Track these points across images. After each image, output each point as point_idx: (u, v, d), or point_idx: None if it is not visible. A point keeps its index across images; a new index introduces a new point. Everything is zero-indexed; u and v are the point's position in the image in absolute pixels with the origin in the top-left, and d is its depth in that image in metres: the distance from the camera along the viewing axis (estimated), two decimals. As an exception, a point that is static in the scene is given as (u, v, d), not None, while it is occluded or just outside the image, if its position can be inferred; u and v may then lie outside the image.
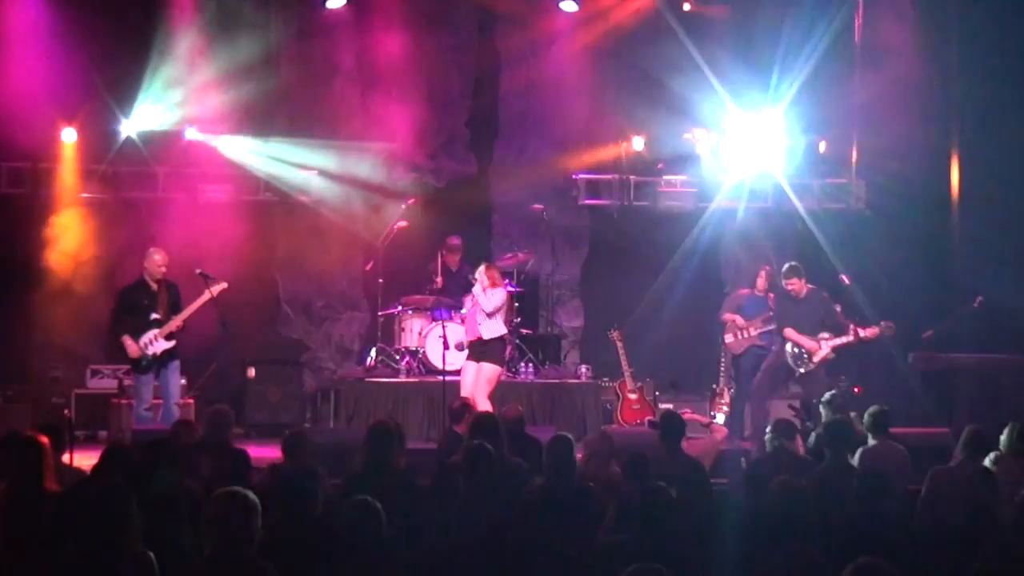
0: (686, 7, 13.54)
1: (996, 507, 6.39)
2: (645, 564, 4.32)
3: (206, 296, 10.66)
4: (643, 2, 13.47)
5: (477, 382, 10.67)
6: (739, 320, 11.83)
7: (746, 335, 11.77)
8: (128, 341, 10.44)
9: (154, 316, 10.49)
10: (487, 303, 10.74)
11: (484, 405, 10.06)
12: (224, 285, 10.82)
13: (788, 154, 13.67)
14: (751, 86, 13.40)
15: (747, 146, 13.58)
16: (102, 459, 6.53)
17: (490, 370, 10.74)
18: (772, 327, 11.57)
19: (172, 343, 10.53)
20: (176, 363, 10.67)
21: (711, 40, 13.46)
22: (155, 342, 10.46)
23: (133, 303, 10.60)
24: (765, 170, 13.62)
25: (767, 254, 13.75)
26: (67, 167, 12.77)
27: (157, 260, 10.60)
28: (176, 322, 10.51)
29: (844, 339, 10.98)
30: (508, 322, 11.73)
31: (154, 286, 10.59)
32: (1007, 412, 11.66)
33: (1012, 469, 7.21)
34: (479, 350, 10.84)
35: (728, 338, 11.98)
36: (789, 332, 10.97)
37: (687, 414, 7.98)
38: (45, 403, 12.11)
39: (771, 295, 11.83)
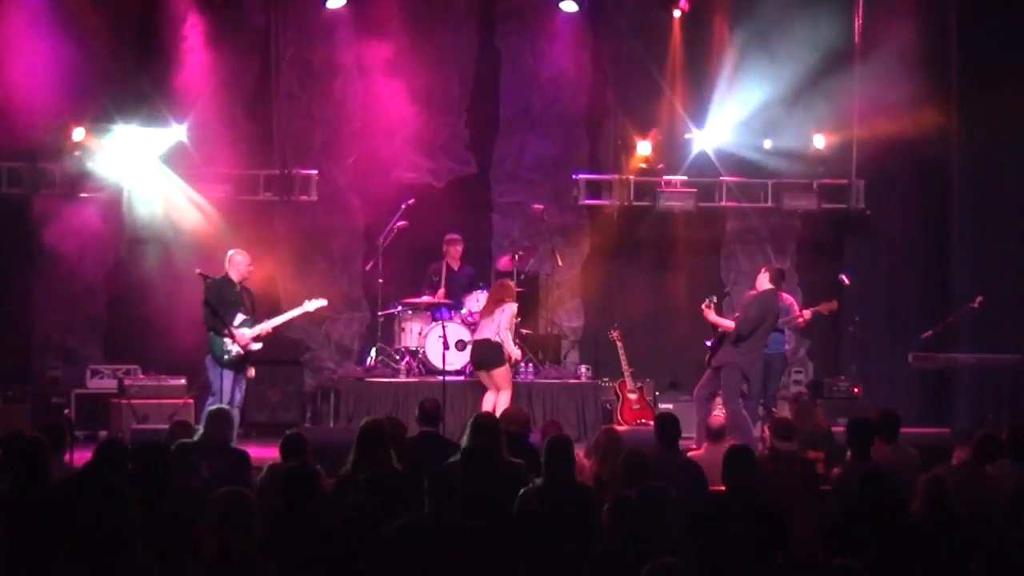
0: (676, 14, 13.51)
1: (994, 507, 6.40)
2: (663, 559, 4.30)
3: (302, 309, 10.61)
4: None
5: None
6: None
7: None
8: (235, 334, 10.12)
9: (243, 316, 10.27)
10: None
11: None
12: (324, 302, 10.77)
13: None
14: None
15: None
16: (95, 454, 6.45)
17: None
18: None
19: (260, 345, 10.32)
20: (252, 366, 10.47)
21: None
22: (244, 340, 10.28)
23: (224, 299, 10.27)
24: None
25: (767, 254, 13.77)
26: (69, 167, 12.78)
27: (241, 260, 10.39)
28: (268, 327, 10.30)
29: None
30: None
31: (237, 286, 10.37)
32: (1007, 412, 11.72)
33: (1005, 470, 7.20)
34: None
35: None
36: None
37: None
38: (45, 403, 12.11)
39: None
